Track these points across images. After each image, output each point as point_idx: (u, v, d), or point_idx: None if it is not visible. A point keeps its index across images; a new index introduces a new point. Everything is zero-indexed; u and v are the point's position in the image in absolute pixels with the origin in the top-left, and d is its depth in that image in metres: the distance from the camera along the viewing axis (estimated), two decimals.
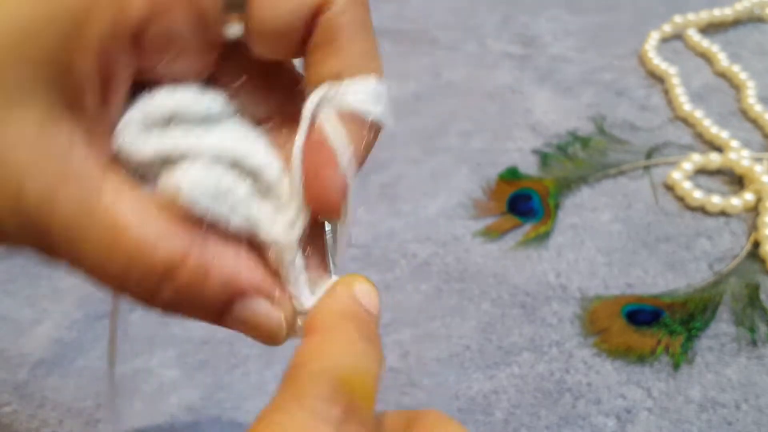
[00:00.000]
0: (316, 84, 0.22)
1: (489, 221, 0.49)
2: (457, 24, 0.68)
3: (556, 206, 0.50)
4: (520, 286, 0.45)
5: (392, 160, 0.54)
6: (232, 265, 0.20)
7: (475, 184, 0.52)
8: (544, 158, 0.53)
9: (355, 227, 0.49)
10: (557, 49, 0.64)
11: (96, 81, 0.19)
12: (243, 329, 0.21)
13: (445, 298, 0.44)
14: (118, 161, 0.20)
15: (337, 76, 0.22)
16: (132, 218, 0.19)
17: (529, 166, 0.53)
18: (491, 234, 0.48)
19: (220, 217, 0.20)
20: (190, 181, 0.20)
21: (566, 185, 0.51)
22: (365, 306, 0.22)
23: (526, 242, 0.47)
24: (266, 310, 0.21)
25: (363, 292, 0.22)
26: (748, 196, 0.49)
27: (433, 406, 0.39)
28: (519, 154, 0.54)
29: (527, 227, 0.48)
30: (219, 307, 0.20)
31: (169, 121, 0.21)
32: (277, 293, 0.21)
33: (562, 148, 0.54)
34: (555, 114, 0.58)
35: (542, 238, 0.48)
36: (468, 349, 0.42)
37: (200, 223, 0.20)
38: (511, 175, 0.52)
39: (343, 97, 0.22)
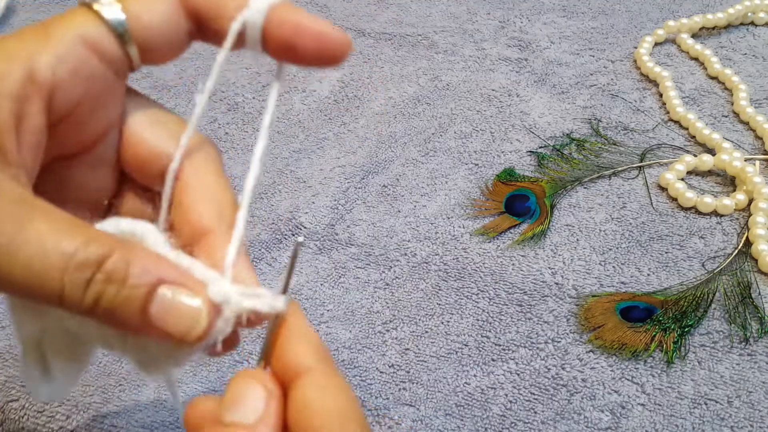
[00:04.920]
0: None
1: (486, 221, 0.50)
2: (455, 29, 0.69)
3: (552, 206, 0.51)
4: (516, 285, 0.46)
5: (392, 161, 0.55)
6: (152, 258, 0.22)
7: (473, 184, 0.53)
8: (540, 159, 0.54)
9: (356, 227, 0.50)
10: (553, 52, 0.65)
11: (12, 126, 0.22)
12: (165, 321, 0.22)
13: (443, 296, 0.45)
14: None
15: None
16: (63, 227, 0.21)
17: (525, 167, 0.54)
18: (489, 233, 0.49)
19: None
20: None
21: (562, 186, 0.52)
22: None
23: (523, 241, 0.48)
24: (185, 297, 0.22)
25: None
26: (740, 197, 0.50)
27: (432, 401, 0.40)
28: (516, 155, 0.55)
29: (524, 227, 0.49)
30: (142, 298, 0.22)
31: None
32: (194, 285, 0.23)
33: (557, 150, 0.55)
34: (551, 116, 0.58)
35: (538, 237, 0.48)
36: (466, 345, 0.42)
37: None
38: (508, 175, 0.53)
39: None
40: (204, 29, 0.25)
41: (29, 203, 0.22)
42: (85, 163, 0.26)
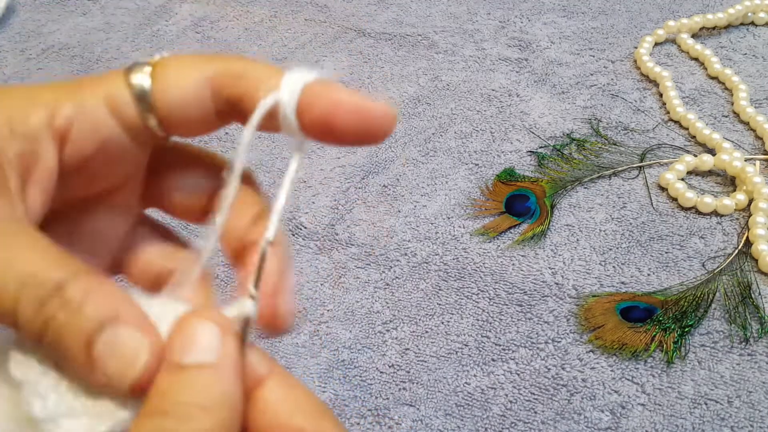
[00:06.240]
0: None
1: (487, 221, 0.50)
2: (455, 29, 0.69)
3: (552, 206, 0.51)
4: (516, 285, 0.46)
5: (392, 161, 0.55)
6: (115, 293, 0.21)
7: (473, 184, 0.53)
8: (540, 159, 0.54)
9: (356, 227, 0.50)
10: (553, 53, 0.65)
11: (17, 165, 0.23)
12: (105, 356, 0.21)
13: (443, 296, 0.45)
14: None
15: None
16: (33, 245, 0.21)
17: (525, 167, 0.54)
18: (489, 233, 0.49)
19: None
20: None
21: (562, 186, 0.52)
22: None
23: (523, 241, 0.48)
24: (133, 337, 0.21)
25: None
26: (740, 197, 0.50)
27: (432, 401, 0.40)
28: (516, 155, 0.55)
29: (524, 227, 0.49)
30: (93, 327, 0.21)
31: None
32: (148, 328, 0.21)
33: (558, 150, 0.55)
34: (551, 116, 0.58)
35: (538, 237, 0.48)
36: (466, 345, 0.42)
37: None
38: (508, 175, 0.53)
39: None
40: (236, 111, 0.24)
41: (15, 226, 0.22)
42: (99, 211, 0.26)
